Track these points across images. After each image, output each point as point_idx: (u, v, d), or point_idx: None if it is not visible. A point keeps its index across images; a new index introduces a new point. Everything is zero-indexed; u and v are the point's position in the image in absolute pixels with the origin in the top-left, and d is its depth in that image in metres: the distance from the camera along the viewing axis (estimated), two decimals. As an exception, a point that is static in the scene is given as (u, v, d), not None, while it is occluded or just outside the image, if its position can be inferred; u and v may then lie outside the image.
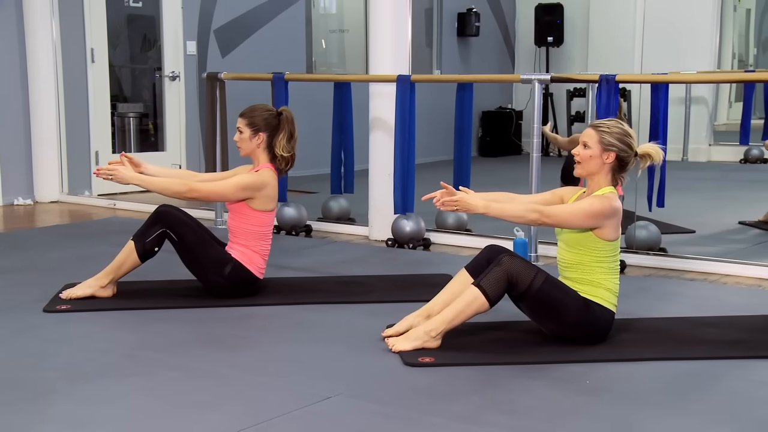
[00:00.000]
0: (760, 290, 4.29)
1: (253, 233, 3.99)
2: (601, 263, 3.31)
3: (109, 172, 3.86)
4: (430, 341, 3.22)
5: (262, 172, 3.99)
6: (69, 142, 7.30)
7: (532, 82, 4.92)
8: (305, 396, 2.82)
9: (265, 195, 3.97)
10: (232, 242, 4.01)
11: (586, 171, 3.36)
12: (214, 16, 7.87)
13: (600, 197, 3.29)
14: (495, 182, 7.30)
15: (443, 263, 4.82)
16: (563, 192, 3.53)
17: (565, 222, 3.27)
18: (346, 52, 9.88)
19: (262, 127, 4.01)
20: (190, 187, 3.90)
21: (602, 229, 3.28)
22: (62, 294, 3.97)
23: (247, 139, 4.02)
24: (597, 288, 3.31)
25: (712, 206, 6.70)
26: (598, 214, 3.25)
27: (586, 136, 3.35)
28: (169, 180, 3.97)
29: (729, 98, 11.05)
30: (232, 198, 3.97)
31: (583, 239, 3.30)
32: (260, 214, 3.99)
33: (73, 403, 2.78)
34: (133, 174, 3.90)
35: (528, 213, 3.26)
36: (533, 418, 2.66)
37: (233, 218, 4.02)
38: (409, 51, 5.51)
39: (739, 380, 3.00)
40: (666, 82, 4.87)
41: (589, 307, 3.28)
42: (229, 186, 3.95)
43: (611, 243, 3.31)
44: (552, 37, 10.00)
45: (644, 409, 2.74)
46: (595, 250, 3.30)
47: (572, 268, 3.34)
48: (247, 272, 3.96)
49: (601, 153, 3.31)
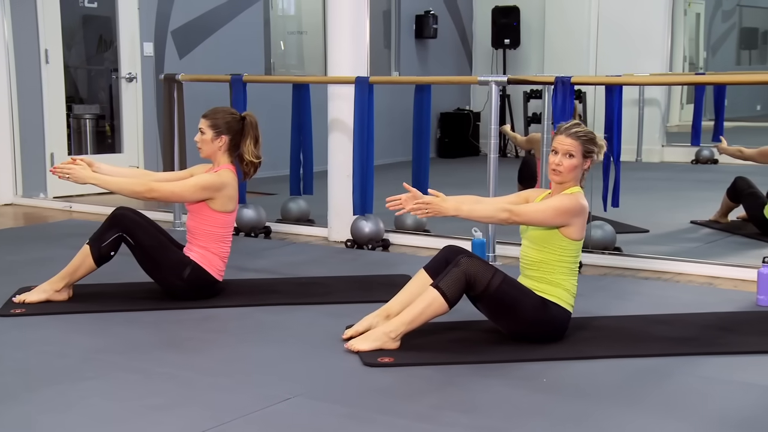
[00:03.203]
0: (711, 288, 4.37)
1: (213, 234, 3.96)
2: (563, 263, 3.35)
3: (65, 172, 3.81)
4: (389, 342, 3.22)
5: (222, 173, 3.96)
6: (23, 144, 7.19)
7: (489, 83, 4.96)
8: (265, 397, 2.81)
9: (225, 195, 3.94)
10: (191, 243, 3.97)
11: (566, 179, 3.36)
12: (171, 17, 7.80)
13: (569, 195, 3.33)
14: (453, 183, 7.35)
15: (402, 264, 4.83)
16: (528, 194, 3.56)
17: (535, 219, 3.29)
18: (304, 53, 9.85)
19: (225, 130, 3.98)
20: (149, 187, 3.86)
21: (569, 228, 3.31)
22: (15, 298, 3.90)
23: (208, 140, 3.98)
24: (556, 288, 3.34)
25: (665, 206, 6.80)
26: (567, 211, 3.29)
27: (569, 146, 3.33)
28: (128, 180, 3.92)
29: (681, 100, 11.23)
30: (192, 198, 3.93)
31: (549, 237, 3.33)
32: (220, 215, 3.96)
33: (30, 407, 2.74)
34: (90, 173, 3.84)
35: (498, 212, 3.28)
36: (491, 416, 2.68)
37: (192, 219, 3.98)
38: (367, 53, 5.51)
39: (690, 376, 3.05)
40: (620, 84, 4.94)
41: (546, 307, 3.32)
42: (188, 186, 3.91)
43: (575, 243, 3.34)
44: (509, 40, 10.07)
45: (600, 406, 2.77)
46: (560, 248, 3.33)
47: (534, 267, 3.37)
48: (206, 274, 3.93)
49: (582, 161, 3.35)
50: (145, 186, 3.87)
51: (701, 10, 11.86)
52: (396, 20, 9.90)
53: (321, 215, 5.78)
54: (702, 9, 11.87)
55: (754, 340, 3.45)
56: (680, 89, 11.01)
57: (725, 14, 12.26)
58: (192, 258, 3.92)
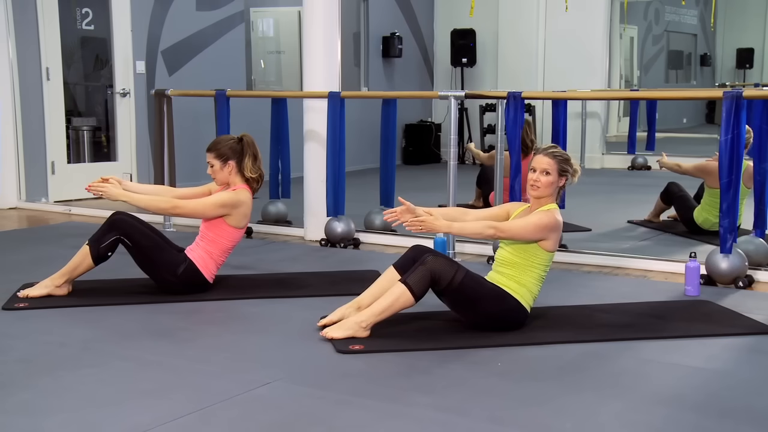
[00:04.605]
0: (645, 280, 4.41)
1: (220, 244, 3.95)
2: (535, 269, 3.36)
3: (99, 190, 3.80)
4: (360, 331, 3.21)
5: (240, 192, 3.96)
6: (26, 153, 7.08)
7: (448, 98, 4.96)
8: (246, 382, 2.78)
9: (241, 212, 3.95)
10: (197, 244, 3.96)
11: (543, 194, 3.38)
12: (162, 38, 7.73)
13: (546, 212, 3.35)
14: (417, 187, 7.36)
15: (371, 260, 4.81)
16: (509, 207, 3.59)
17: (517, 235, 3.31)
18: (282, 71, 9.81)
19: (230, 155, 3.97)
20: (173, 204, 3.89)
21: (546, 241, 3.34)
22: (20, 293, 3.84)
23: (218, 170, 3.98)
24: (521, 287, 3.35)
25: (605, 207, 6.85)
26: (545, 227, 3.31)
27: (546, 164, 3.36)
28: (155, 198, 3.94)
29: (618, 113, 11.36)
30: (211, 215, 3.92)
31: (526, 246, 3.35)
32: (232, 230, 3.96)
33: (31, 393, 2.70)
34: (121, 191, 3.85)
35: (485, 229, 3.30)
36: (451, 397, 2.68)
37: (207, 226, 3.96)
38: (339, 70, 5.49)
39: (628, 359, 3.07)
40: (565, 99, 4.97)
41: (505, 300, 3.32)
42: (208, 204, 3.91)
43: (548, 254, 3.37)
44: (466, 59, 10.10)
45: (548, 387, 2.78)
46: (534, 256, 3.35)
47: (508, 266, 3.37)
48: (199, 274, 3.90)
49: (558, 178, 3.36)
50: (170, 203, 3.89)
51: (635, 34, 12.01)
52: (365, 41, 9.89)
53: (297, 217, 5.75)
54: (635, 33, 12.02)
55: (683, 325, 3.49)
56: (617, 104, 11.13)
57: (655, 38, 12.43)
58: (191, 257, 3.89)
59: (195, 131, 7.55)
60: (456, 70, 10.32)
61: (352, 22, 9.66)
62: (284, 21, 9.68)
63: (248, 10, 9.11)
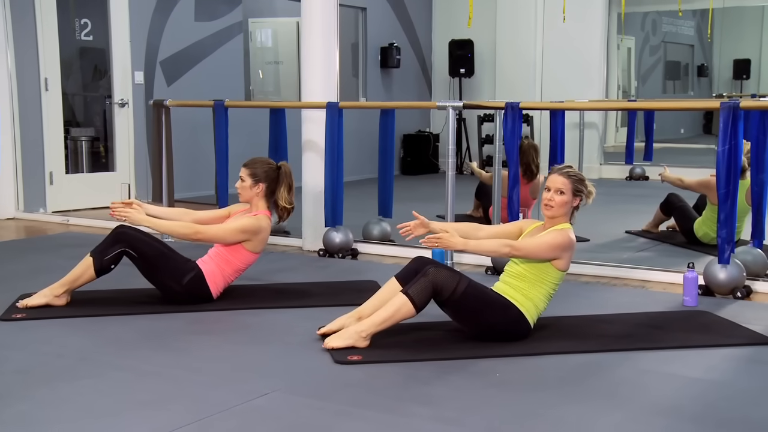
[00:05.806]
0: (643, 290, 4.41)
1: (234, 265, 3.98)
2: (544, 285, 3.37)
3: (123, 214, 3.84)
4: (359, 341, 3.21)
5: (260, 218, 3.98)
6: (25, 164, 7.07)
7: (446, 108, 4.97)
8: (245, 392, 2.78)
9: (260, 239, 3.99)
10: (211, 257, 3.97)
11: (557, 214, 3.39)
12: (160, 49, 7.75)
13: (560, 231, 3.35)
14: (415, 197, 7.36)
15: (370, 271, 4.81)
16: (521, 224, 3.60)
17: (532, 254, 3.32)
18: (280, 81, 9.83)
19: (263, 178, 4.00)
20: (195, 230, 3.93)
21: (559, 260, 3.35)
22: (18, 303, 3.84)
23: (248, 187, 4.01)
24: (527, 301, 3.35)
25: (603, 218, 6.85)
26: (558, 246, 3.32)
27: (561, 184, 3.38)
28: (177, 223, 3.99)
29: (616, 124, 11.37)
30: (231, 240, 3.94)
31: (539, 263, 3.35)
32: (248, 254, 3.99)
33: (28, 404, 2.69)
34: (144, 216, 3.89)
35: (501, 248, 3.31)
36: (450, 408, 2.68)
37: (224, 246, 3.97)
38: (337, 81, 5.51)
39: (627, 369, 3.07)
40: (563, 109, 4.99)
41: (508, 310, 3.31)
42: (229, 230, 3.94)
43: (560, 273, 3.38)
44: (464, 69, 10.13)
45: (547, 397, 2.78)
46: (546, 274, 3.36)
47: (517, 279, 3.38)
48: (205, 287, 3.91)
49: (572, 198, 3.37)
50: (192, 229, 3.93)
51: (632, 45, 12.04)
52: (363, 51, 9.92)
53: (296, 227, 5.75)
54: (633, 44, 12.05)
55: (681, 336, 3.49)
56: (615, 114, 11.15)
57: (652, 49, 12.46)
58: (202, 267, 3.90)
59: (193, 142, 7.56)
60: (454, 80, 10.34)
61: (350, 33, 9.70)
62: (282, 31, 9.71)
63: (247, 20, 9.14)
